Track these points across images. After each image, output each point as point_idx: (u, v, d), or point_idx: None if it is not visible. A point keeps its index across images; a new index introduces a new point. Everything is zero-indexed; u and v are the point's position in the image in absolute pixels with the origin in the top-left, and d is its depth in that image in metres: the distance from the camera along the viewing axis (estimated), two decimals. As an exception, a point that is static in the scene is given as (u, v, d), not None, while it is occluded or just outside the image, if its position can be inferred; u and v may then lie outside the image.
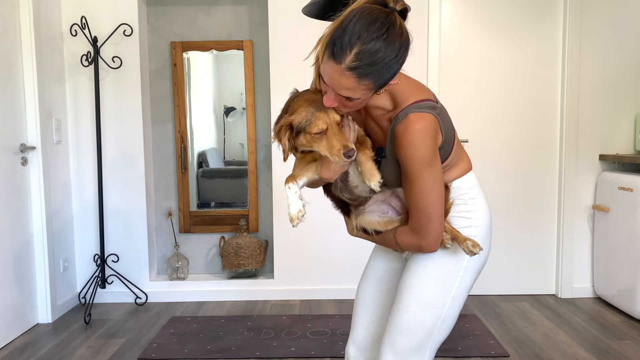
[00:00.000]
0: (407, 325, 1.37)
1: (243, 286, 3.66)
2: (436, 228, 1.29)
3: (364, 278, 1.58)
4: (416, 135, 1.23)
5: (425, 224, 1.29)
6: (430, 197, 1.27)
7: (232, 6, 3.71)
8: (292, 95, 1.35)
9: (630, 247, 3.18)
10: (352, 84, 1.17)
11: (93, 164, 3.56)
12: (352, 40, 1.13)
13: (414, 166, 1.25)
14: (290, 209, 1.30)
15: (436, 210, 1.28)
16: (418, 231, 1.31)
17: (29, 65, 3.09)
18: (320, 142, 1.25)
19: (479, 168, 3.74)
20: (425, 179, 1.26)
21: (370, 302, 1.54)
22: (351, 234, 1.47)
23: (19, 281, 3.05)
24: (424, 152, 1.24)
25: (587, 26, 3.48)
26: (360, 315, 1.55)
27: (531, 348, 2.80)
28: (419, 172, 1.26)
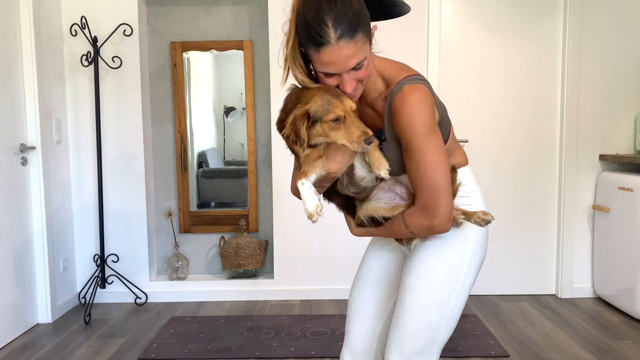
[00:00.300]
0: (413, 327, 1.33)
1: (243, 286, 3.66)
2: (446, 202, 1.24)
3: (356, 282, 1.54)
4: (414, 104, 1.23)
5: (435, 199, 1.24)
6: (436, 170, 1.23)
7: (232, 6, 3.71)
8: (291, 90, 1.33)
9: (630, 247, 3.18)
10: (350, 48, 1.18)
11: (93, 164, 3.56)
12: (319, 19, 1.16)
13: (415, 138, 1.23)
14: (307, 205, 1.23)
15: (444, 183, 1.24)
16: (428, 209, 1.25)
17: (29, 65, 3.09)
18: (338, 131, 1.21)
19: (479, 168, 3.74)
20: (429, 151, 1.23)
21: (364, 307, 1.50)
22: (355, 234, 1.41)
23: (19, 281, 3.05)
24: (424, 120, 1.23)
25: (587, 26, 3.48)
26: (354, 320, 1.51)
27: (531, 348, 2.80)
28: (421, 144, 1.23)
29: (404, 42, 3.49)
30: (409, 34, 3.49)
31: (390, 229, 1.34)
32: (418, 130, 1.23)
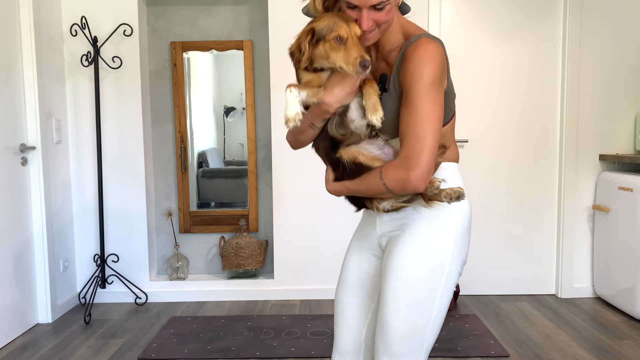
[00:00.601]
0: (398, 331, 1.31)
1: (243, 286, 3.66)
2: (428, 159, 1.20)
3: (338, 285, 1.52)
4: (427, 51, 1.22)
5: (418, 151, 1.19)
6: (429, 121, 1.20)
7: (232, 6, 3.71)
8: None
9: (630, 247, 3.18)
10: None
11: (93, 164, 3.56)
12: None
13: (417, 85, 1.20)
14: (288, 111, 1.25)
15: (431, 138, 1.20)
16: (408, 161, 1.20)
17: (29, 65, 3.09)
18: (338, 52, 1.23)
19: (479, 168, 3.76)
20: (427, 101, 1.20)
21: (347, 309, 1.48)
22: (329, 188, 1.37)
23: (19, 281, 3.05)
24: (430, 70, 1.21)
25: (587, 26, 3.48)
26: (340, 324, 1.49)
27: (531, 348, 2.80)
28: (422, 92, 1.20)
29: (404, 42, 3.49)
30: (409, 34, 3.49)
31: (366, 183, 1.28)
32: (423, 79, 1.21)
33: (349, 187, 1.33)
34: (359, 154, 1.30)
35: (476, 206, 3.63)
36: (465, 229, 1.39)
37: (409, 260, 1.32)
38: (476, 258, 3.68)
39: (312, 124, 1.34)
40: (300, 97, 1.28)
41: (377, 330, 1.36)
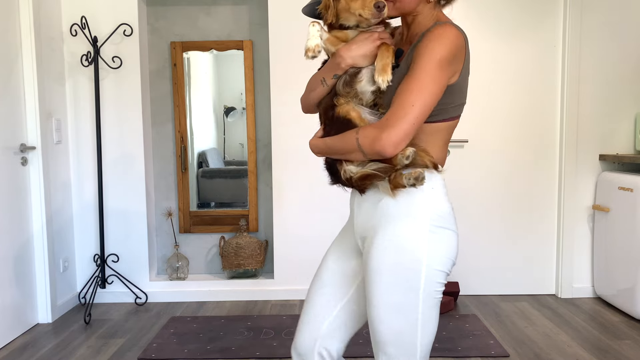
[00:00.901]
0: (385, 335, 1.31)
1: (243, 286, 3.66)
2: (406, 127, 1.18)
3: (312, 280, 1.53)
4: (445, 33, 1.24)
5: (399, 116, 1.19)
6: (421, 94, 1.20)
7: (232, 6, 3.71)
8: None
9: (630, 247, 3.18)
10: None
11: (93, 164, 3.56)
12: None
13: (424, 58, 1.22)
14: (309, 42, 1.32)
15: (418, 108, 1.19)
16: (387, 122, 1.20)
17: (29, 65, 3.09)
18: (357, 1, 1.27)
19: (479, 168, 3.76)
20: (427, 75, 1.21)
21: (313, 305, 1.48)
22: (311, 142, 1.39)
23: (19, 281, 3.05)
24: (441, 49, 1.23)
25: (587, 26, 3.48)
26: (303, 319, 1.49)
27: (531, 348, 2.80)
28: (426, 66, 1.21)
29: (404, 42, 3.49)
30: (409, 34, 3.49)
31: (343, 139, 1.28)
32: (431, 55, 1.22)
33: (327, 142, 1.34)
34: (352, 110, 1.32)
35: (476, 206, 3.64)
36: (440, 227, 1.30)
37: (382, 264, 1.29)
38: (476, 258, 3.69)
39: (323, 79, 1.36)
40: (322, 37, 1.34)
41: (370, 332, 1.36)
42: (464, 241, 3.67)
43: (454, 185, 3.62)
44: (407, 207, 1.29)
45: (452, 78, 1.31)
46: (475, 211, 3.64)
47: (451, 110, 1.35)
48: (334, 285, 1.46)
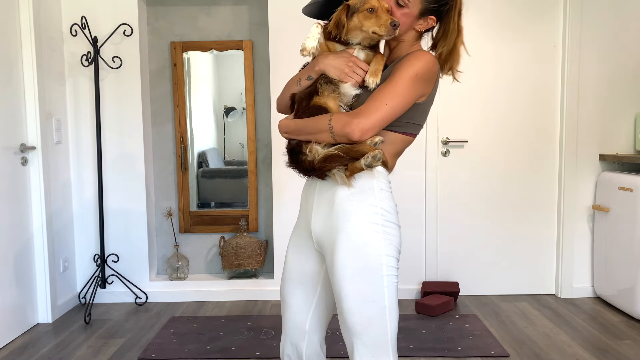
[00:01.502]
0: (358, 325, 1.41)
1: (243, 286, 3.66)
2: (376, 119, 1.35)
3: (282, 282, 1.62)
4: (423, 57, 1.43)
5: (372, 109, 1.36)
6: (395, 96, 1.37)
7: (232, 6, 3.71)
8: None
9: (630, 247, 3.18)
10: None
11: (93, 164, 3.56)
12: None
13: (403, 71, 1.40)
14: (308, 42, 1.47)
15: (390, 107, 1.36)
16: (359, 112, 1.37)
17: (29, 65, 3.09)
18: (370, 20, 1.43)
19: (479, 167, 3.76)
20: (403, 85, 1.38)
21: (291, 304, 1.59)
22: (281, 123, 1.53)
23: (19, 281, 3.05)
24: (418, 67, 1.40)
25: (587, 26, 3.48)
26: (287, 316, 1.61)
27: (531, 348, 2.80)
28: (403, 77, 1.39)
29: (404, 42, 3.49)
30: (409, 34, 3.49)
31: (315, 121, 1.42)
32: (409, 69, 1.40)
33: (298, 123, 1.47)
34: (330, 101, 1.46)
35: (476, 206, 3.64)
36: (389, 222, 1.43)
37: (348, 260, 1.40)
38: (476, 258, 3.69)
39: (299, 79, 1.54)
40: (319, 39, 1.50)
41: (341, 327, 1.46)
42: (464, 241, 3.69)
43: (454, 185, 3.63)
44: (361, 207, 1.41)
45: (421, 98, 1.46)
46: (475, 211, 3.64)
47: (411, 127, 1.50)
48: (304, 285, 1.58)
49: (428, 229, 3.60)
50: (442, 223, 3.64)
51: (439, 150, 3.59)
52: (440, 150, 3.60)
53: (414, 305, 3.47)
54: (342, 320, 1.44)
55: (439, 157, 3.60)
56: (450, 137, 3.60)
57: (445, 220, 3.64)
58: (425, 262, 3.63)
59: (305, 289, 1.57)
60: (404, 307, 3.45)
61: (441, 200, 3.63)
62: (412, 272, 3.64)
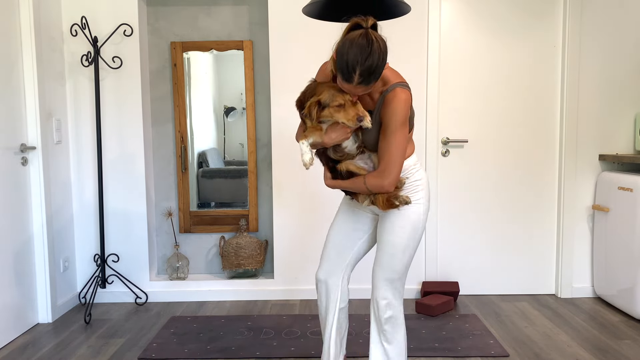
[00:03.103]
0: (395, 266, 1.96)
1: (243, 286, 3.66)
2: (396, 172, 1.82)
3: (333, 228, 2.13)
4: (400, 102, 1.78)
5: (391, 167, 1.81)
6: (398, 149, 1.81)
7: (232, 6, 3.71)
8: (310, 83, 1.88)
9: (630, 247, 3.18)
10: (364, 89, 1.75)
11: (93, 164, 3.56)
12: (352, 66, 1.68)
13: (393, 124, 1.79)
14: (304, 157, 1.80)
15: (399, 160, 1.82)
16: (383, 172, 1.82)
17: (29, 65, 3.09)
18: (339, 113, 1.76)
19: (479, 167, 3.75)
20: (398, 136, 1.80)
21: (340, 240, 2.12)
22: (327, 184, 1.97)
23: (19, 281, 3.05)
24: (402, 116, 1.79)
25: (587, 26, 3.48)
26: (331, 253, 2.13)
27: (531, 348, 2.80)
28: (395, 130, 1.79)
29: (404, 42, 3.50)
30: (409, 34, 3.49)
31: (353, 182, 1.91)
32: (397, 120, 1.79)
33: (342, 184, 1.96)
34: (350, 165, 1.92)
35: (476, 206, 3.64)
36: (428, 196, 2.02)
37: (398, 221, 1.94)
38: (476, 258, 3.69)
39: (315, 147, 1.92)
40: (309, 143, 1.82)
41: (378, 266, 1.99)
42: (464, 241, 3.69)
43: (454, 185, 3.63)
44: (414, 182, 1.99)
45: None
46: (475, 211, 3.64)
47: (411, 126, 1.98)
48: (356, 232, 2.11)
49: (428, 229, 3.60)
50: (442, 223, 3.64)
51: (439, 150, 3.59)
52: (440, 150, 3.60)
53: (414, 305, 3.48)
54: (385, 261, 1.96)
55: (439, 157, 3.60)
56: (450, 137, 3.60)
57: (445, 220, 3.64)
58: (425, 262, 3.63)
59: (356, 236, 2.10)
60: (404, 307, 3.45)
61: (441, 200, 3.63)
62: (412, 272, 3.64)
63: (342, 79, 1.71)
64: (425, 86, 3.53)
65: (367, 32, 1.68)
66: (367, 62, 1.65)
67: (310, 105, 1.77)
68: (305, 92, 1.85)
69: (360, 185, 1.87)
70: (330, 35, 3.49)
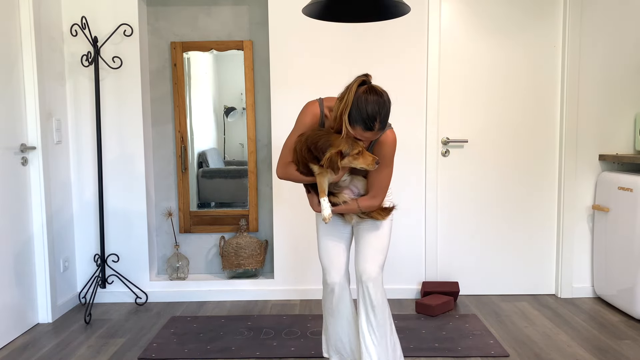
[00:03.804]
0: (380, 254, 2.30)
1: (243, 286, 3.66)
2: (384, 195, 2.22)
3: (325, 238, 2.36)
4: (392, 142, 2.16)
5: (381, 192, 2.20)
6: (388, 179, 2.20)
7: (232, 6, 3.71)
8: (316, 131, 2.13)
9: (630, 247, 3.18)
10: (379, 133, 2.04)
11: (93, 164, 3.56)
12: (372, 117, 1.97)
13: (386, 160, 2.15)
14: (324, 212, 2.12)
15: (387, 185, 2.21)
16: (375, 197, 2.20)
17: (30, 65, 3.09)
18: (358, 159, 2.05)
19: (479, 167, 3.76)
20: (389, 169, 2.18)
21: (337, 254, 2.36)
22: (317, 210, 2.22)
23: (19, 281, 3.05)
24: (392, 152, 2.17)
25: (587, 26, 3.48)
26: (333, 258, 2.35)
27: (531, 348, 2.80)
28: (387, 164, 2.15)
29: (404, 42, 3.50)
30: (409, 34, 3.49)
31: (347, 207, 2.21)
32: (389, 159, 2.16)
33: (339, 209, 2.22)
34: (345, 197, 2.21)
35: (476, 206, 3.64)
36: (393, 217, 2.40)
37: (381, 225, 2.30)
38: (476, 258, 3.69)
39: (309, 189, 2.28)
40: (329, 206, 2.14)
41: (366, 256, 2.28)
42: (464, 241, 3.69)
43: (454, 185, 3.63)
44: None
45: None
46: (475, 211, 3.64)
47: None
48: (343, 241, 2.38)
49: (428, 229, 3.61)
50: (442, 223, 3.65)
51: (439, 150, 3.59)
52: (440, 150, 3.60)
53: (414, 305, 3.47)
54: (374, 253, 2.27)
55: (439, 157, 3.60)
56: (450, 137, 3.60)
57: (445, 220, 3.64)
58: (425, 262, 3.63)
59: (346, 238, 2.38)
60: (404, 307, 3.46)
61: (441, 200, 3.63)
62: (412, 272, 3.64)
63: (364, 128, 1.99)
64: (425, 86, 3.53)
65: (374, 87, 2.01)
66: (383, 111, 1.98)
67: (331, 157, 2.01)
68: (317, 141, 2.07)
69: (354, 208, 2.21)
70: (330, 35, 3.51)
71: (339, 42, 3.50)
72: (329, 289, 2.36)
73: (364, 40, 3.50)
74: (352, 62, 3.50)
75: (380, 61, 3.51)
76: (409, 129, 3.55)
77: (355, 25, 3.47)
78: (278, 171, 2.23)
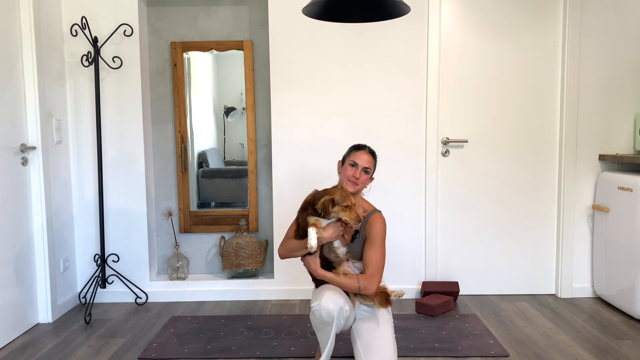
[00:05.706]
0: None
1: (243, 286, 3.67)
2: (380, 276, 2.31)
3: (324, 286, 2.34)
4: (382, 223, 2.35)
5: (377, 272, 2.29)
6: (381, 260, 2.32)
7: (232, 6, 3.71)
8: (315, 191, 2.35)
9: (630, 247, 3.18)
10: (370, 158, 2.37)
11: (93, 164, 3.56)
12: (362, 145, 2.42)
13: (377, 241, 2.32)
14: (311, 241, 2.19)
15: (382, 267, 2.31)
16: (372, 276, 2.29)
17: (30, 65, 3.09)
18: (345, 212, 2.21)
19: (479, 168, 3.76)
20: (381, 250, 2.33)
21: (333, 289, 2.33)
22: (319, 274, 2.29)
23: (19, 281, 3.05)
24: (383, 234, 2.35)
25: (587, 26, 3.48)
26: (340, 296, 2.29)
27: (531, 348, 2.80)
28: (379, 244, 2.32)
29: (404, 42, 3.50)
30: (409, 34, 3.49)
31: (349, 282, 2.27)
32: (380, 238, 2.33)
33: (339, 282, 2.28)
34: (346, 269, 2.32)
35: (476, 206, 3.64)
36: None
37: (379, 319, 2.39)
38: (476, 258, 3.69)
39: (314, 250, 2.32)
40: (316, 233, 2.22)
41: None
42: (464, 241, 3.69)
43: (454, 185, 3.63)
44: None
45: None
46: (475, 211, 3.64)
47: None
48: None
49: (428, 229, 3.61)
50: (442, 223, 3.65)
51: (439, 150, 3.59)
52: (440, 150, 3.60)
53: (414, 305, 3.48)
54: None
55: (438, 157, 3.60)
56: (450, 137, 3.61)
57: (445, 220, 3.64)
58: (425, 262, 3.64)
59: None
60: (404, 307, 3.46)
61: (441, 200, 3.63)
62: (412, 272, 3.64)
63: (355, 150, 2.37)
64: (425, 86, 3.53)
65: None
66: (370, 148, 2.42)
67: (325, 201, 2.20)
68: (315, 194, 2.30)
69: (354, 284, 2.26)
70: (330, 35, 3.51)
71: (339, 42, 3.51)
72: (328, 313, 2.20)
73: (364, 40, 3.50)
74: (352, 62, 3.50)
75: (380, 61, 3.51)
76: (409, 129, 3.55)
77: (355, 25, 3.48)
78: (279, 251, 2.45)
